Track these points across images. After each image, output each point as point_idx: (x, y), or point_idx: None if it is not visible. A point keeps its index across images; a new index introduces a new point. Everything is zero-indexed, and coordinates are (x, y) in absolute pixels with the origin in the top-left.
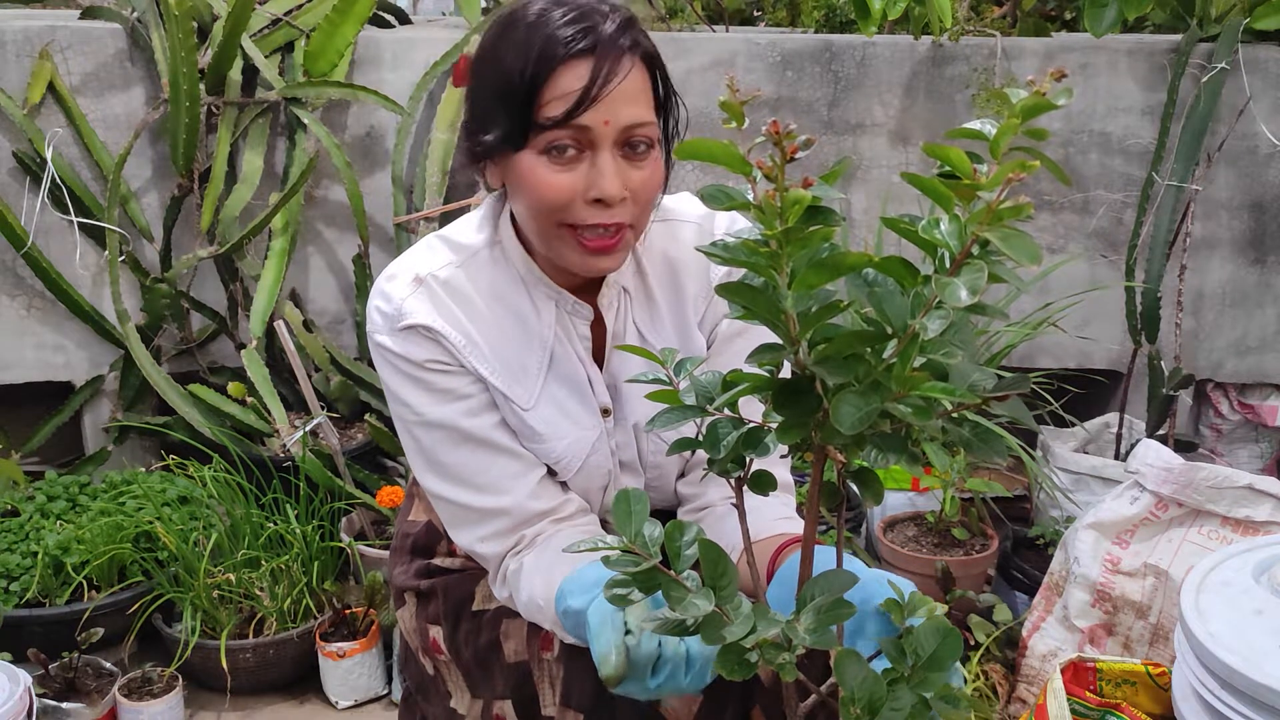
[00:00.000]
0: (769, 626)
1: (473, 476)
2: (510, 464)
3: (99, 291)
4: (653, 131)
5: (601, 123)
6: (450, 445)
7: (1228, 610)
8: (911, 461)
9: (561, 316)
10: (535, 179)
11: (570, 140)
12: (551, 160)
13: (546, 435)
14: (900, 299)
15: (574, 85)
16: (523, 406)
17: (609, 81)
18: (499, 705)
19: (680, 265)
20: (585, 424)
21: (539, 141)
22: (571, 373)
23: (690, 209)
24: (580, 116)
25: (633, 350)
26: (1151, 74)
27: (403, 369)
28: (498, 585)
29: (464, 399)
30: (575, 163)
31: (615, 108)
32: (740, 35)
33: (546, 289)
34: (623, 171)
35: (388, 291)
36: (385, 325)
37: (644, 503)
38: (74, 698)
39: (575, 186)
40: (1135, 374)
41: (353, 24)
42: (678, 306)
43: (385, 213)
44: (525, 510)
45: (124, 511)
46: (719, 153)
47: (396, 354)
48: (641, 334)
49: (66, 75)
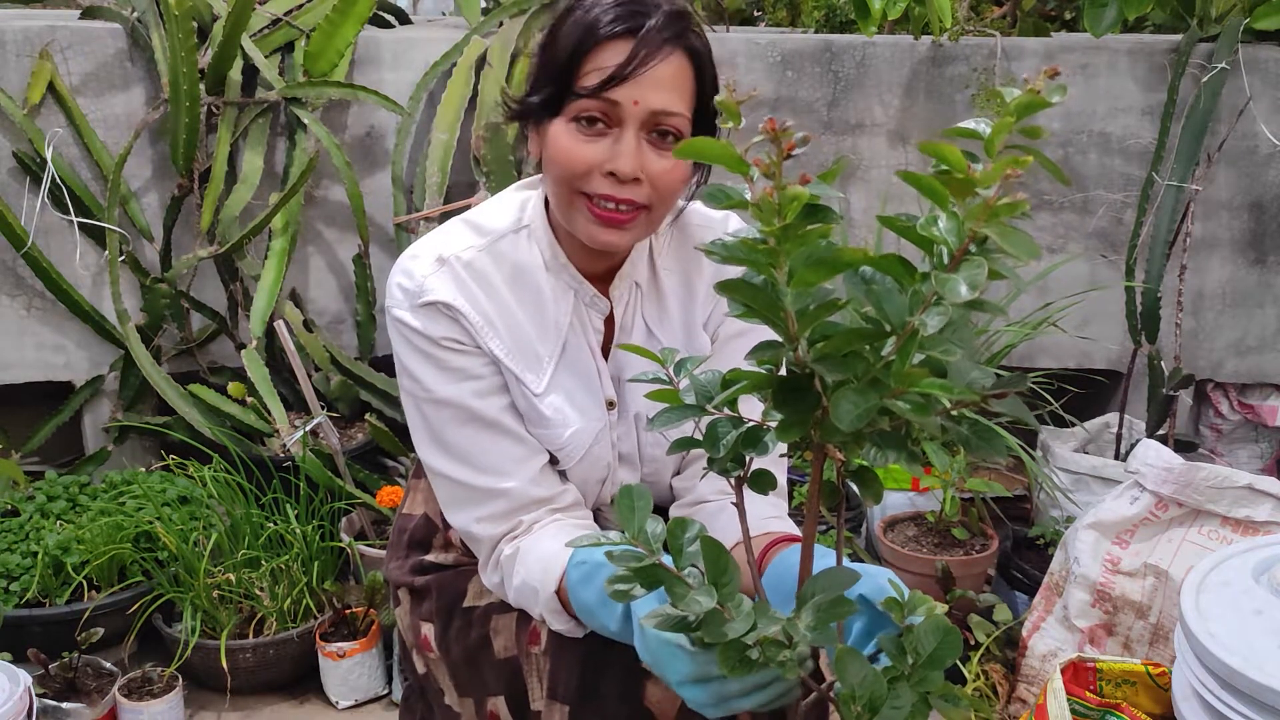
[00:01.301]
0: (770, 624)
1: (476, 456)
2: (514, 447)
3: (99, 291)
4: (682, 124)
5: (631, 101)
6: (457, 424)
7: (1228, 610)
8: (911, 459)
9: (579, 307)
10: (562, 144)
11: (600, 112)
12: (580, 129)
13: (554, 421)
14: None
15: (611, 61)
16: (534, 391)
17: (645, 63)
18: (492, 702)
19: (693, 267)
20: (591, 415)
21: (572, 109)
22: (582, 363)
23: (709, 213)
24: (611, 91)
25: (634, 350)
26: (1151, 74)
27: (418, 345)
28: (489, 571)
29: (475, 379)
30: (601, 136)
31: (646, 90)
32: (740, 35)
33: (569, 278)
34: (644, 155)
35: (410, 269)
36: (406, 300)
37: (646, 499)
38: (74, 698)
39: (596, 158)
40: (1135, 374)
41: (353, 24)
42: (688, 306)
43: (385, 213)
44: (525, 495)
45: (124, 511)
46: (717, 151)
47: (414, 329)
48: (649, 329)
49: (66, 75)
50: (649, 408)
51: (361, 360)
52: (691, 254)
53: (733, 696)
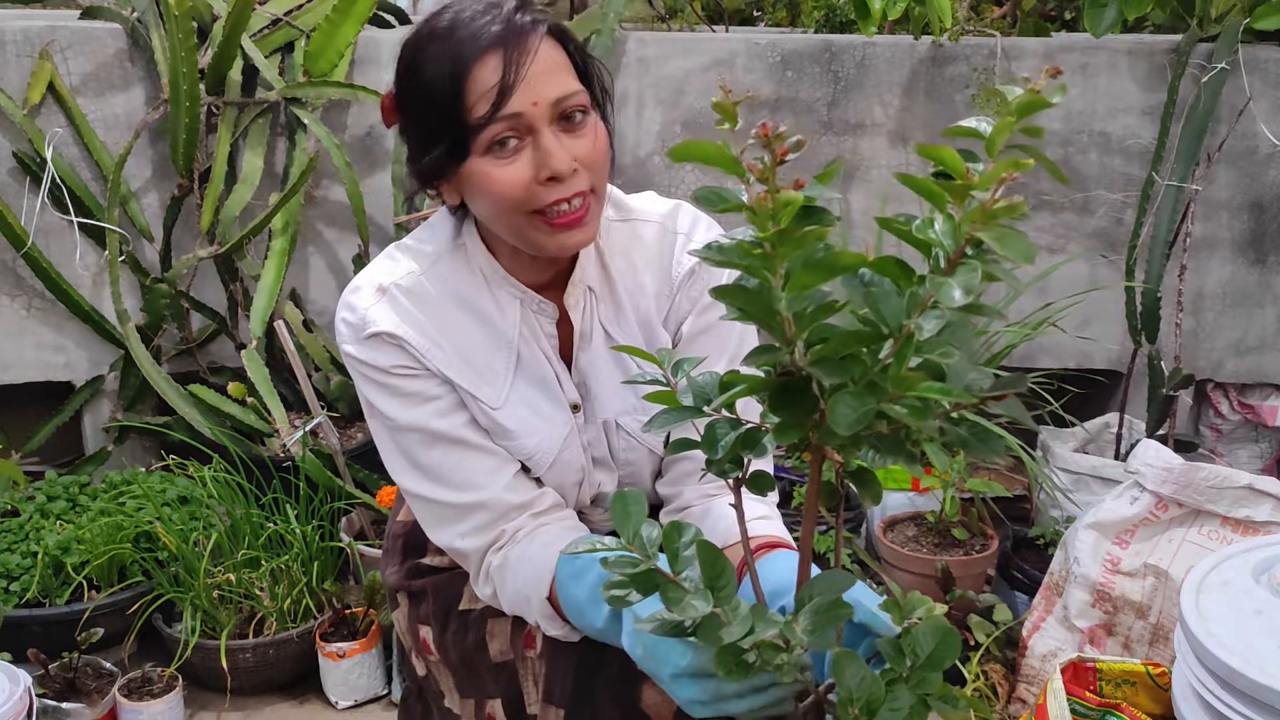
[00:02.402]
0: (767, 627)
1: (448, 474)
2: (484, 460)
3: (99, 291)
4: (583, 99)
5: (530, 104)
6: (424, 446)
7: (1228, 610)
8: (909, 461)
9: (526, 315)
10: (488, 180)
11: (508, 132)
12: (496, 157)
13: (517, 432)
14: (895, 299)
15: (491, 79)
16: (492, 406)
17: (522, 65)
18: (490, 705)
19: (642, 263)
20: (555, 420)
21: (479, 143)
22: (539, 371)
23: (653, 208)
24: (507, 106)
25: (632, 351)
26: (1151, 74)
27: (371, 376)
28: (480, 583)
29: (432, 400)
30: (519, 152)
31: (537, 87)
32: (740, 35)
33: (511, 288)
34: (566, 145)
35: (352, 303)
36: (351, 335)
37: (641, 504)
38: (74, 698)
39: (526, 174)
40: (1135, 374)
41: (353, 24)
42: (641, 304)
43: (385, 213)
44: (502, 503)
45: (124, 511)
46: (712, 154)
47: (364, 362)
48: (607, 332)
49: (66, 75)
50: (617, 411)
51: None
52: (638, 251)
53: (729, 697)
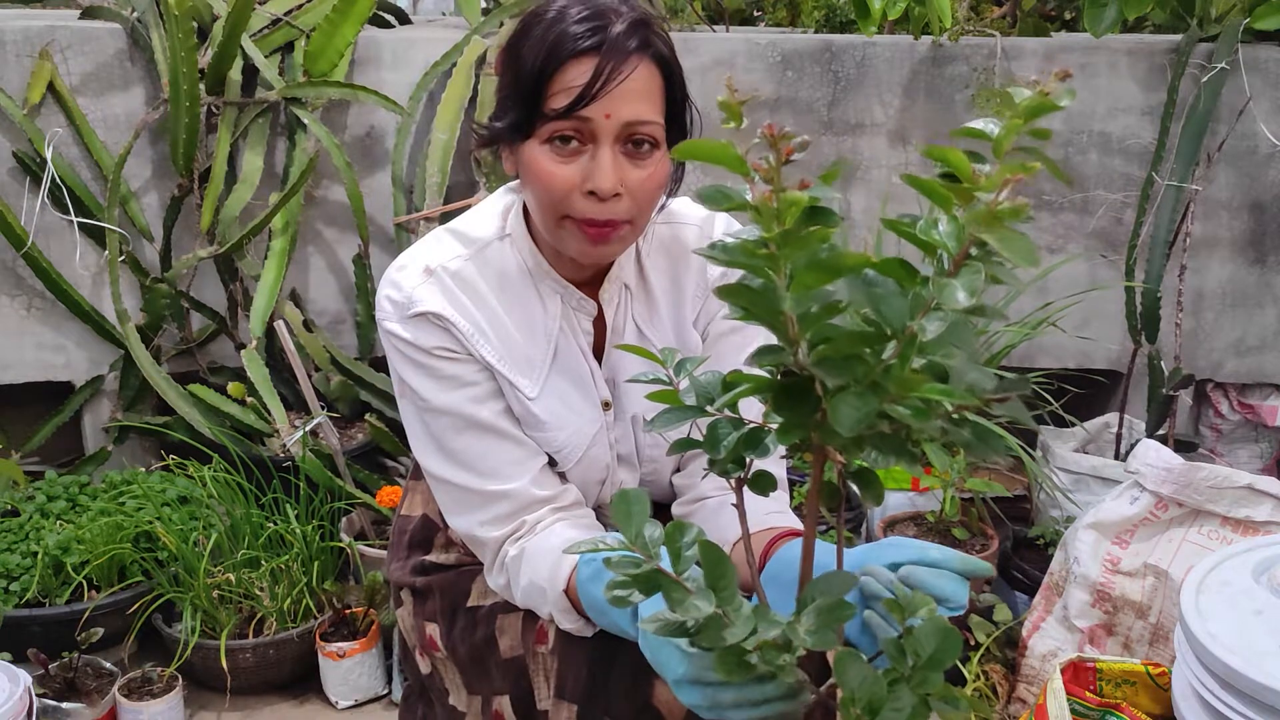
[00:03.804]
0: (769, 628)
1: (476, 461)
2: (514, 450)
3: (99, 291)
4: (656, 131)
5: (603, 116)
6: (455, 431)
7: (1228, 610)
8: (911, 462)
9: (566, 311)
10: (538, 167)
11: (573, 131)
12: (554, 150)
13: (550, 424)
14: (899, 300)
15: (579, 80)
16: (528, 396)
17: (612, 78)
18: (497, 701)
19: (680, 265)
20: (587, 416)
21: (544, 131)
22: (574, 366)
23: (692, 211)
24: (582, 109)
25: (631, 349)
26: (1151, 74)
27: (410, 355)
28: (495, 573)
29: (470, 386)
30: (577, 155)
31: (617, 103)
32: (740, 35)
33: (553, 283)
34: (621, 167)
35: (398, 280)
36: (395, 312)
37: (644, 503)
38: (74, 698)
39: (574, 178)
40: (1135, 374)
41: (353, 24)
42: (677, 304)
43: (385, 213)
44: (527, 495)
45: (124, 511)
46: (716, 153)
47: (406, 340)
48: (640, 330)
49: (66, 75)
50: (646, 409)
51: (361, 360)
52: (678, 252)
53: (726, 705)
